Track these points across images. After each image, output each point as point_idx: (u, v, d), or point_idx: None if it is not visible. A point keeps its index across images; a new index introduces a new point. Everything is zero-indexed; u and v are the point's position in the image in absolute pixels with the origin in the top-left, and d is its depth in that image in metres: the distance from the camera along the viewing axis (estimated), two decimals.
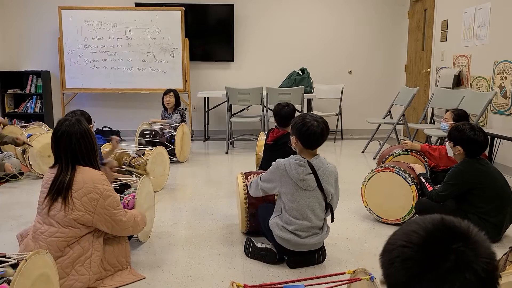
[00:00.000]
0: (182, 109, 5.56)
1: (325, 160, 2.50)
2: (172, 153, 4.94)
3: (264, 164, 3.41)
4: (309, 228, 2.43)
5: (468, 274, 0.74)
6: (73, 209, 2.12)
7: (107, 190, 2.19)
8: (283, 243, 2.45)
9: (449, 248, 0.76)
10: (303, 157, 2.44)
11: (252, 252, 2.59)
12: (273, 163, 2.50)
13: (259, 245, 2.62)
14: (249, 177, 2.87)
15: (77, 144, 2.18)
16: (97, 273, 2.19)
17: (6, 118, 6.49)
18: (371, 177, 3.20)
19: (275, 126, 3.60)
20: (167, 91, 5.48)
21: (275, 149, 3.33)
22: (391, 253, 0.81)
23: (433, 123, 5.57)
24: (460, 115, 3.73)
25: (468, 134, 2.79)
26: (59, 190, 2.14)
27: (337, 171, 2.53)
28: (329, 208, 2.50)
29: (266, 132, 3.72)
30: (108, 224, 2.20)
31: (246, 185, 2.82)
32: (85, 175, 2.17)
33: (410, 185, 3.03)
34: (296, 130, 2.45)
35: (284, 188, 2.43)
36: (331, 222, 2.55)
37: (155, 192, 3.23)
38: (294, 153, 2.52)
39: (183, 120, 5.48)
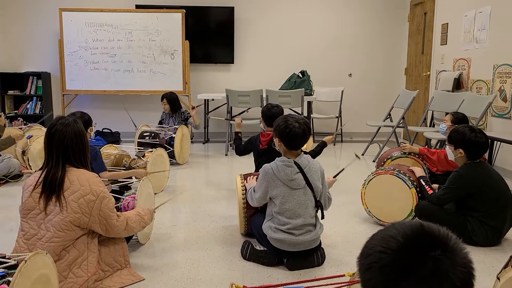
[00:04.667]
0: (184, 112, 5.58)
1: (309, 157, 2.53)
2: (171, 155, 4.93)
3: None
4: (302, 226, 2.45)
5: (445, 283, 0.75)
6: (69, 212, 2.11)
7: (103, 192, 2.19)
8: (278, 244, 2.46)
9: (427, 255, 0.76)
10: (288, 158, 2.47)
11: (251, 255, 2.59)
12: (260, 170, 2.54)
13: (258, 247, 2.62)
14: (248, 177, 2.87)
15: (69, 142, 2.18)
16: (95, 274, 2.19)
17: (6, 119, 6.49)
18: (371, 179, 3.20)
19: (262, 130, 3.58)
20: (162, 98, 5.50)
21: (272, 151, 3.28)
22: (369, 257, 0.81)
23: (433, 126, 5.57)
24: (459, 118, 3.73)
25: (469, 136, 2.79)
26: (52, 187, 2.12)
27: (322, 167, 2.57)
28: (319, 205, 2.52)
29: (253, 137, 3.63)
30: (103, 226, 2.20)
31: (245, 186, 2.82)
32: (80, 177, 2.17)
33: (410, 188, 3.03)
34: (278, 132, 2.49)
35: (275, 191, 2.46)
36: (322, 219, 2.57)
37: (155, 194, 3.23)
38: None
39: (186, 123, 5.50)
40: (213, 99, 6.60)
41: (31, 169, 4.38)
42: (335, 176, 2.92)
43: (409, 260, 0.77)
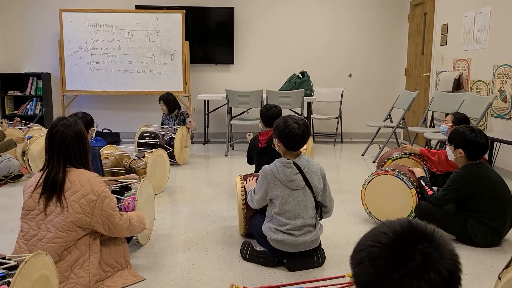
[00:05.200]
0: (183, 113, 5.58)
1: (309, 158, 2.53)
2: (171, 156, 4.93)
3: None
4: (302, 226, 2.44)
5: (432, 273, 0.78)
6: (71, 212, 2.11)
7: (104, 192, 2.20)
8: (278, 245, 2.46)
9: (415, 248, 0.80)
10: (287, 159, 2.48)
11: (250, 255, 2.59)
12: (260, 171, 2.54)
13: (257, 248, 2.62)
14: (248, 178, 2.87)
15: (70, 143, 2.18)
16: (97, 275, 2.19)
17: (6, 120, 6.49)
18: (371, 180, 3.20)
19: (261, 130, 3.60)
20: (159, 100, 5.51)
21: (271, 150, 3.29)
22: (360, 252, 0.85)
23: (433, 126, 5.57)
24: (460, 119, 3.72)
25: (469, 136, 2.79)
26: (53, 188, 2.12)
27: (322, 168, 2.57)
28: (319, 206, 2.52)
29: (252, 139, 3.66)
30: (105, 226, 2.20)
31: (244, 187, 2.82)
32: (81, 177, 2.17)
33: (410, 189, 3.03)
34: (278, 133, 2.49)
35: (274, 192, 2.46)
36: (320, 219, 2.57)
37: (155, 194, 3.23)
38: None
39: (185, 123, 5.51)
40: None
41: (31, 170, 4.38)
42: None
43: (398, 252, 0.80)
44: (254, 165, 3.65)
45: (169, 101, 5.46)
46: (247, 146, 3.77)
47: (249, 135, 3.85)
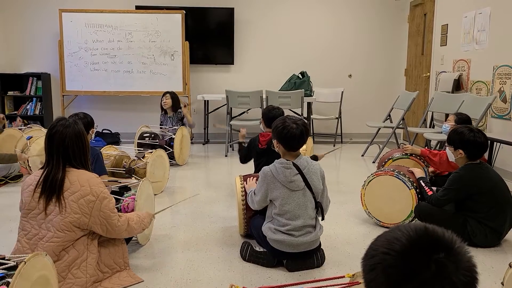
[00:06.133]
0: (180, 112, 5.57)
1: (308, 158, 2.53)
2: (171, 156, 4.93)
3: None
4: (302, 227, 2.44)
5: (447, 286, 0.75)
6: (69, 212, 2.11)
7: (103, 193, 2.19)
8: (277, 245, 2.46)
9: (430, 258, 0.77)
10: (287, 160, 2.47)
11: (250, 256, 2.59)
12: (260, 172, 2.54)
13: (257, 249, 2.62)
14: (248, 178, 2.87)
15: (69, 143, 2.18)
16: (94, 276, 2.18)
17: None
18: (370, 180, 3.20)
19: (262, 131, 3.61)
20: (165, 93, 5.52)
21: (272, 151, 3.29)
22: (373, 258, 0.82)
23: (433, 127, 5.57)
24: (463, 119, 3.72)
25: (468, 136, 2.79)
26: (52, 189, 2.12)
27: (322, 169, 2.57)
28: (319, 206, 2.52)
29: (251, 139, 3.66)
30: (103, 227, 2.20)
31: (244, 188, 2.82)
32: (80, 178, 2.17)
33: (410, 189, 3.03)
34: (276, 133, 2.49)
35: (274, 193, 2.46)
36: (322, 220, 2.58)
37: (155, 195, 3.23)
38: None
39: (183, 123, 5.50)
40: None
41: (31, 170, 4.37)
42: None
43: (412, 262, 0.77)
44: (252, 165, 3.64)
45: (175, 97, 5.48)
46: (238, 143, 3.79)
47: (244, 135, 3.84)
